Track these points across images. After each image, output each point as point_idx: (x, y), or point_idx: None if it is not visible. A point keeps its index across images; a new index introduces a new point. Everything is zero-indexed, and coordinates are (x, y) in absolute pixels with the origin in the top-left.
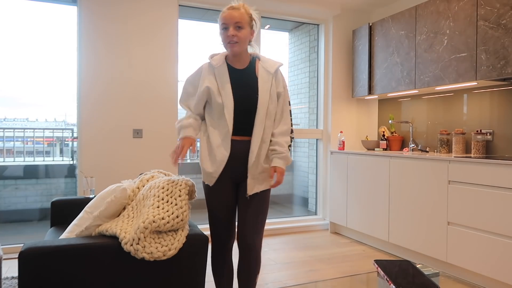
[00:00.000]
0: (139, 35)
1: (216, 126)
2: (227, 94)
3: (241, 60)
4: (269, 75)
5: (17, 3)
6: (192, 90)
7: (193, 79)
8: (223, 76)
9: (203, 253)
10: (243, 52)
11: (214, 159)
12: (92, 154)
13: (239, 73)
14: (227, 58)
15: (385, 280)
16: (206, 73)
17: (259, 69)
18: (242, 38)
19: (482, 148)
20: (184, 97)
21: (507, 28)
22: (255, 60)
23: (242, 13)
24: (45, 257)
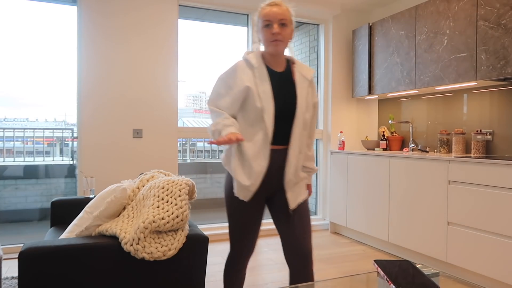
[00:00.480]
0: (139, 35)
1: (251, 133)
2: (267, 97)
3: (279, 62)
4: (305, 81)
5: (17, 3)
6: (225, 91)
7: (227, 77)
8: (263, 77)
9: (203, 253)
10: (282, 53)
11: (251, 171)
12: (92, 154)
13: (278, 76)
14: (264, 59)
15: (385, 280)
16: (243, 72)
17: (296, 74)
18: (286, 36)
19: (482, 148)
20: (215, 98)
21: (507, 28)
22: (290, 64)
23: (285, 10)
24: (45, 257)
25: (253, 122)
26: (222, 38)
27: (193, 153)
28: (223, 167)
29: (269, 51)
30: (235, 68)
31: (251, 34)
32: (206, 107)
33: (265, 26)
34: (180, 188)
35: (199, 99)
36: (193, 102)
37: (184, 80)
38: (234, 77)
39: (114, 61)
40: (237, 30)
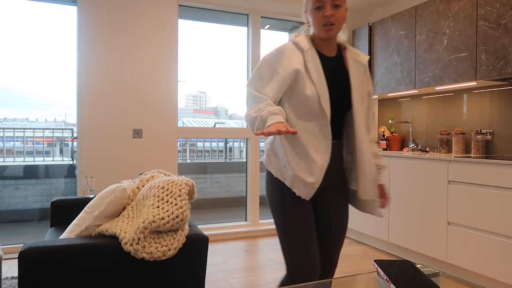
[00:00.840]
0: (139, 35)
1: (306, 122)
2: (322, 83)
3: (331, 46)
4: (360, 68)
5: (17, 3)
6: (269, 75)
7: (273, 60)
8: (315, 61)
9: (203, 253)
10: (335, 38)
11: (312, 166)
12: (92, 154)
13: (330, 61)
14: (314, 43)
15: (385, 280)
16: (291, 55)
17: (348, 60)
18: (339, 19)
19: (482, 148)
20: (256, 82)
21: (507, 28)
22: (342, 49)
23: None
24: (45, 257)
25: (307, 111)
26: (222, 38)
27: (193, 153)
28: (223, 167)
29: (321, 36)
30: (282, 49)
31: (251, 34)
32: (205, 107)
33: (316, 9)
34: (180, 188)
35: (199, 99)
36: (193, 102)
37: (184, 80)
38: (281, 59)
39: (114, 60)
40: (237, 30)
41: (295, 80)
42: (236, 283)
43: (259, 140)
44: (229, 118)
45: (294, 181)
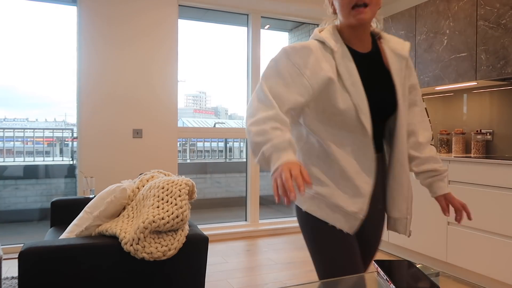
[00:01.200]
0: (138, 35)
1: (342, 139)
2: (358, 92)
3: (363, 38)
4: (401, 61)
5: (17, 3)
6: (290, 77)
7: (296, 57)
8: (347, 65)
9: (203, 253)
10: (368, 26)
11: (356, 192)
12: (92, 154)
13: (365, 60)
14: (343, 37)
15: (385, 280)
16: (322, 58)
17: (387, 54)
18: (374, 2)
19: (482, 148)
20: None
21: (507, 28)
22: (375, 39)
23: None
24: (45, 257)
25: (342, 126)
26: (222, 38)
27: (193, 153)
28: (223, 167)
29: (349, 23)
30: (310, 47)
31: (251, 34)
32: (205, 107)
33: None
34: (180, 188)
35: (199, 99)
36: (193, 102)
37: (184, 80)
38: (308, 58)
39: (114, 61)
40: (237, 30)
41: (325, 91)
42: (236, 283)
43: None
44: (229, 118)
45: (332, 212)
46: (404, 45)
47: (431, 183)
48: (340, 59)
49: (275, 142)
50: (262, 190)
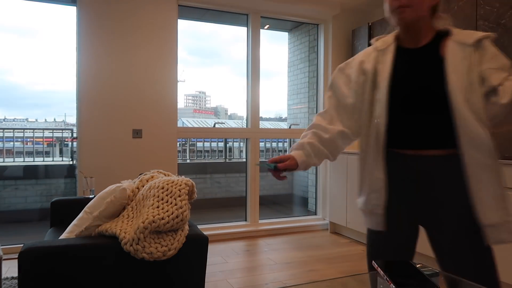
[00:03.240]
0: (138, 35)
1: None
2: (383, 82)
3: (417, 35)
4: (465, 49)
5: (17, 3)
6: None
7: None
8: (385, 58)
9: (203, 253)
10: (421, 24)
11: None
12: (91, 155)
13: (410, 53)
14: (398, 37)
15: (385, 280)
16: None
17: (449, 46)
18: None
19: None
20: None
21: (506, 28)
22: (442, 37)
23: None
24: (45, 257)
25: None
26: (222, 38)
27: (193, 153)
28: (223, 167)
29: (395, 24)
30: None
31: (251, 34)
32: (205, 107)
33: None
34: (180, 188)
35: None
36: (193, 102)
37: (183, 80)
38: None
39: (114, 61)
40: (237, 30)
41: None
42: (236, 283)
43: (259, 140)
44: (229, 118)
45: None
46: (473, 34)
47: None
48: (381, 55)
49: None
50: (262, 190)
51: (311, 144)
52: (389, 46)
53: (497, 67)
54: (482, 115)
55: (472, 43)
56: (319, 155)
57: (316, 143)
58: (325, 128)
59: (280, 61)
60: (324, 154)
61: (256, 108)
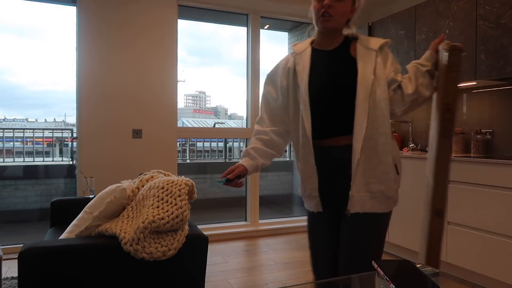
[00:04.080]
0: (138, 35)
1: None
2: (303, 81)
3: (332, 41)
4: (371, 53)
5: (17, 3)
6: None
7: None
8: (303, 60)
9: (203, 253)
10: (337, 32)
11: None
12: (91, 154)
13: (324, 54)
14: (313, 42)
15: (385, 280)
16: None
17: (358, 48)
18: (340, 12)
19: (481, 147)
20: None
21: (506, 28)
22: (350, 41)
23: None
24: (45, 257)
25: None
26: (222, 38)
27: (193, 153)
28: (223, 167)
29: (319, 29)
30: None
31: (250, 34)
32: (205, 107)
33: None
34: (180, 188)
35: (199, 99)
36: (193, 102)
37: (183, 80)
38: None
39: (113, 61)
40: (237, 30)
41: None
42: (236, 283)
43: None
44: (229, 118)
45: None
46: (377, 41)
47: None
48: (298, 59)
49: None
50: (262, 190)
51: (254, 148)
52: (305, 50)
53: (395, 70)
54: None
55: (377, 48)
56: (264, 155)
57: (259, 146)
58: (263, 131)
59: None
60: (269, 153)
61: (256, 108)
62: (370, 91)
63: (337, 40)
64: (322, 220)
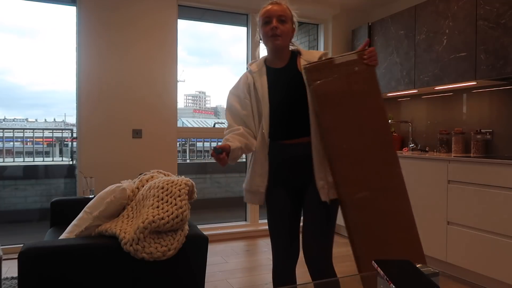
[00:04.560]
0: (138, 35)
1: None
2: (263, 96)
3: (281, 58)
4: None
5: (17, 3)
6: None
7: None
8: (261, 78)
9: (203, 253)
10: (285, 49)
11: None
12: (91, 154)
13: (278, 72)
14: (266, 61)
15: (385, 280)
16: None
17: (301, 63)
18: (285, 31)
19: (481, 147)
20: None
21: (506, 28)
22: (296, 56)
23: (285, 8)
24: (45, 257)
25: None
26: (222, 38)
27: (193, 153)
28: (223, 167)
29: (269, 47)
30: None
31: (250, 34)
32: (205, 107)
33: (264, 24)
34: (180, 188)
35: (199, 99)
36: (193, 102)
37: (183, 80)
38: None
39: (113, 60)
40: (237, 30)
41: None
42: (236, 283)
43: None
44: None
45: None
46: (317, 54)
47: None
48: (257, 76)
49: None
50: None
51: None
52: (261, 68)
53: None
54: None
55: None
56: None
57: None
58: (234, 128)
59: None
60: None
61: None
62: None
63: (285, 56)
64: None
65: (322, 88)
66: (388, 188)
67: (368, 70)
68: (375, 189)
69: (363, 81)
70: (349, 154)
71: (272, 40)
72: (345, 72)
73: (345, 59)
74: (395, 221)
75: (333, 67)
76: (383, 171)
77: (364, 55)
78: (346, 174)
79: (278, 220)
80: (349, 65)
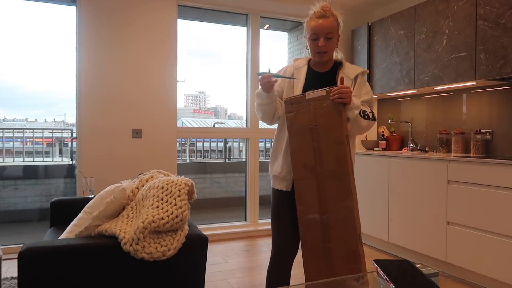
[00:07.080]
0: (138, 35)
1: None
2: (297, 91)
3: (324, 65)
4: (348, 80)
5: (17, 3)
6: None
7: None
8: (300, 74)
9: (202, 253)
10: (329, 60)
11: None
12: (91, 154)
13: (317, 75)
14: (310, 61)
15: (385, 280)
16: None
17: (340, 75)
18: (331, 48)
19: (481, 147)
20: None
21: (506, 28)
22: (338, 66)
23: (332, 21)
24: (44, 257)
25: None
26: (222, 38)
27: (193, 153)
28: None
29: (315, 60)
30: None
31: (250, 34)
32: (205, 107)
33: (312, 40)
34: (180, 188)
35: (198, 99)
36: (193, 102)
37: (183, 80)
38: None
39: (113, 60)
40: (237, 30)
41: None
42: (235, 283)
43: (259, 140)
44: (229, 118)
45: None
46: (356, 70)
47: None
48: (297, 73)
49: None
50: (262, 190)
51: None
52: (303, 67)
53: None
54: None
55: (351, 78)
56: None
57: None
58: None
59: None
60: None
61: None
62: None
63: (328, 64)
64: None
65: (292, 119)
66: (336, 217)
67: (334, 106)
68: (323, 215)
69: (328, 116)
70: (307, 177)
71: (319, 57)
72: (313, 107)
73: (316, 94)
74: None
75: (305, 101)
76: (334, 201)
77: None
78: (302, 194)
79: (286, 208)
80: (318, 100)
